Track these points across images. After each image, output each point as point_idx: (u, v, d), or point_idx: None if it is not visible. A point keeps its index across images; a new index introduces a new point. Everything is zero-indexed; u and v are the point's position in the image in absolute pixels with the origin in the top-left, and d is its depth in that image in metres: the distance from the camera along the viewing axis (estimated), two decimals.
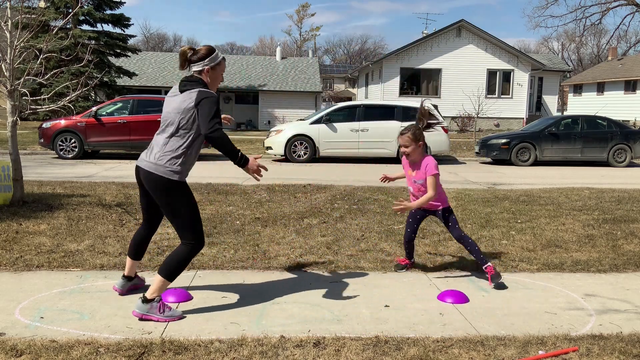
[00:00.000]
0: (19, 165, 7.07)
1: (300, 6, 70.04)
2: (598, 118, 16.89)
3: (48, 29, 21.04)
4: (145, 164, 3.61)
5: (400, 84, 29.75)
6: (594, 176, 13.23)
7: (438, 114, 15.64)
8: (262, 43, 77.99)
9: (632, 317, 3.83)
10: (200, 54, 3.66)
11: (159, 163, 3.55)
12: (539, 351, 3.19)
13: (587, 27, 42.84)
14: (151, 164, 3.58)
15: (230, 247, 5.43)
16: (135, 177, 3.77)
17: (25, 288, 4.11)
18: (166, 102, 3.70)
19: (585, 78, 39.62)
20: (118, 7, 27.22)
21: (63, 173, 11.11)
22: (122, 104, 14.87)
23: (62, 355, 2.98)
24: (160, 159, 3.56)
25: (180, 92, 3.62)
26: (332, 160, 15.48)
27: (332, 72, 60.32)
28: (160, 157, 3.56)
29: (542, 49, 63.27)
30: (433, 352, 3.15)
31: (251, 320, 3.63)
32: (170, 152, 3.56)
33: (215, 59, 3.67)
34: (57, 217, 6.46)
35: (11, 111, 6.90)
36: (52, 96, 7.89)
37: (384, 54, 38.48)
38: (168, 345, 3.14)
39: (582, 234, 6.36)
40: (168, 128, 3.60)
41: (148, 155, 3.64)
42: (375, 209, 7.62)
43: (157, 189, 3.58)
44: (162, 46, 71.91)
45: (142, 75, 32.57)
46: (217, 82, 3.73)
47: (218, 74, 3.72)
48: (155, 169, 3.55)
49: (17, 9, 7.16)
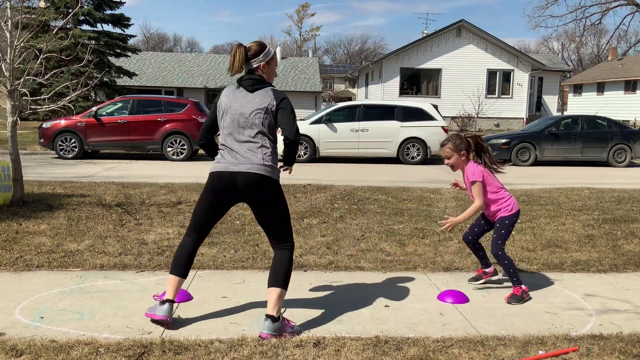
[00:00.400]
0: (19, 165, 7.07)
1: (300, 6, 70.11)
2: (598, 118, 16.89)
3: (48, 29, 21.05)
4: (249, 167, 3.41)
5: (400, 84, 29.75)
6: (594, 176, 13.23)
7: (438, 114, 15.69)
8: None
9: (632, 317, 3.83)
10: (253, 50, 3.52)
11: (266, 164, 3.42)
12: (539, 351, 3.19)
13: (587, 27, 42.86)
14: (256, 165, 3.41)
15: (230, 247, 5.43)
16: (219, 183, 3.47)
17: (25, 288, 4.11)
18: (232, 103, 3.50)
19: (585, 78, 39.62)
20: (118, 7, 27.22)
21: (63, 173, 11.11)
22: (122, 104, 14.87)
23: (62, 355, 2.98)
24: (265, 160, 3.43)
25: (250, 91, 3.49)
26: (332, 160, 15.48)
27: (332, 72, 60.34)
28: (263, 158, 3.43)
29: (542, 49, 63.29)
30: (433, 352, 3.15)
31: (251, 320, 3.63)
32: (268, 151, 3.46)
33: (269, 54, 3.56)
34: (57, 217, 6.46)
35: (11, 111, 6.90)
36: (52, 96, 7.89)
37: (384, 54, 38.49)
38: (168, 345, 3.14)
39: (582, 234, 6.36)
40: (251, 129, 3.45)
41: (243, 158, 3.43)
42: (375, 209, 7.62)
43: (265, 191, 3.45)
44: (162, 46, 71.93)
45: (142, 75, 32.59)
46: (272, 78, 3.64)
47: (272, 68, 3.63)
48: (264, 170, 3.41)
49: (17, 9, 7.16)
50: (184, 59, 38.03)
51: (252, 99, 3.47)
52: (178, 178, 10.63)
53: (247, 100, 3.47)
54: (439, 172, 13.50)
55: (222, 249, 5.34)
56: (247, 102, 3.47)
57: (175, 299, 3.96)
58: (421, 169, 14.17)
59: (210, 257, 5.05)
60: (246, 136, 3.45)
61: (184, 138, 14.49)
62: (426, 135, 15.17)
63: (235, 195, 3.48)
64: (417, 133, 15.09)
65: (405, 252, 5.42)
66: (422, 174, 12.78)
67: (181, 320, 3.61)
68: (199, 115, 14.72)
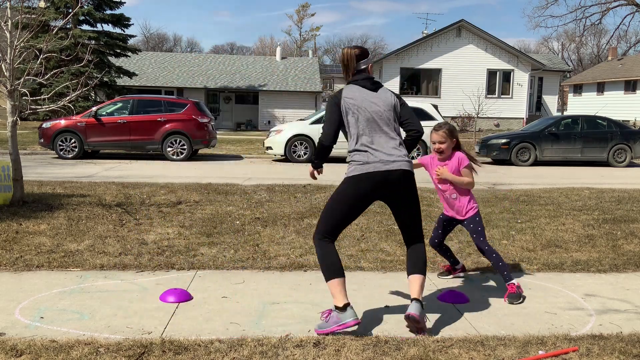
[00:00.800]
0: (19, 165, 7.07)
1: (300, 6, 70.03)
2: (598, 118, 16.90)
3: (48, 29, 21.05)
4: (401, 164, 3.48)
5: (400, 84, 29.75)
6: (594, 176, 13.23)
7: (438, 114, 15.68)
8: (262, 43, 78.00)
9: (632, 317, 3.83)
10: (361, 51, 3.62)
11: (408, 159, 3.53)
12: (539, 351, 3.19)
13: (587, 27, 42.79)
14: (406, 162, 3.51)
15: (230, 247, 5.43)
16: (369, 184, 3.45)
17: (25, 288, 4.11)
18: (364, 101, 3.52)
19: (585, 78, 39.63)
20: (118, 7, 27.22)
21: (63, 173, 11.11)
22: (122, 104, 14.87)
23: (62, 355, 2.98)
24: (407, 155, 3.54)
25: (374, 90, 3.57)
26: (332, 160, 15.47)
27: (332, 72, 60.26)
28: (405, 153, 3.53)
29: (542, 49, 63.27)
30: (433, 352, 3.15)
31: (251, 320, 3.63)
32: (403, 146, 3.57)
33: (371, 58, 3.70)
34: (57, 217, 6.46)
35: (11, 111, 6.90)
36: (52, 96, 7.89)
37: (384, 54, 38.48)
38: (168, 345, 3.14)
39: (582, 234, 6.36)
40: (388, 126, 3.53)
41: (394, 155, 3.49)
42: (375, 209, 7.62)
43: (413, 185, 3.55)
44: (162, 46, 71.91)
45: (142, 75, 32.58)
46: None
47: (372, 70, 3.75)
48: (409, 166, 3.53)
49: (17, 9, 7.16)
50: (184, 59, 38.02)
51: (381, 96, 3.56)
52: (178, 178, 10.64)
53: (377, 97, 3.55)
54: None
55: (222, 249, 5.34)
56: (377, 99, 3.54)
57: (175, 299, 3.97)
58: (421, 168, 14.16)
59: (210, 257, 5.05)
60: (387, 131, 3.52)
61: (184, 138, 14.48)
62: (426, 135, 15.13)
63: (383, 194, 3.53)
64: None
65: (405, 252, 5.40)
66: (422, 174, 12.76)
67: (181, 320, 3.60)
68: (199, 115, 14.72)
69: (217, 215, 6.92)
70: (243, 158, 16.39)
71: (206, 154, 16.41)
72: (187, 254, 5.11)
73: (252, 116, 33.22)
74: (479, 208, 4.33)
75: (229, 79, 33.09)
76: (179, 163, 14.07)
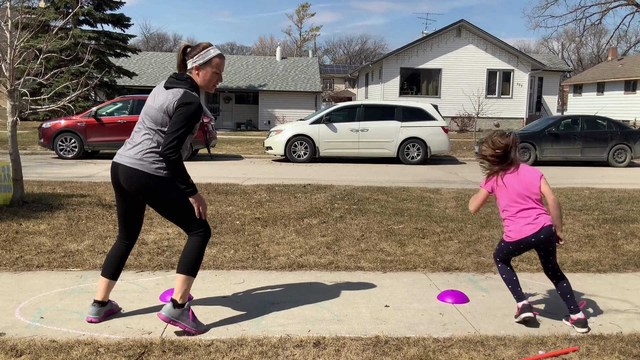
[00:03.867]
0: (19, 165, 7.07)
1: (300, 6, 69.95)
2: (598, 118, 16.90)
3: (48, 29, 21.03)
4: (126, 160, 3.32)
5: (400, 84, 29.75)
6: (594, 176, 13.23)
7: (438, 114, 15.68)
8: (262, 43, 77.97)
9: (632, 317, 3.83)
10: (192, 49, 3.37)
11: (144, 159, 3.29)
12: (539, 351, 3.19)
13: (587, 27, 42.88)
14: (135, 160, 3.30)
15: (230, 247, 5.43)
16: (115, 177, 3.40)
17: (25, 288, 4.11)
18: (151, 96, 3.41)
19: (585, 78, 39.61)
20: (118, 7, 27.20)
21: (63, 173, 11.11)
22: (122, 104, 14.87)
23: (62, 355, 2.98)
24: (145, 157, 3.29)
25: (165, 88, 3.35)
26: (332, 160, 15.48)
27: (332, 72, 60.33)
28: (144, 154, 3.29)
29: (542, 49, 63.24)
30: (433, 352, 3.15)
31: (251, 320, 3.63)
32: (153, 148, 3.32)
33: (205, 56, 3.33)
34: (57, 217, 6.46)
35: (11, 111, 6.90)
36: (52, 96, 7.90)
37: (384, 54, 38.47)
38: (168, 345, 3.14)
39: (582, 234, 6.36)
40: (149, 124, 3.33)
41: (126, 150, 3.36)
42: (375, 209, 7.62)
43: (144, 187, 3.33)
44: (162, 46, 71.91)
45: (142, 75, 32.57)
46: (209, 83, 3.39)
47: (209, 73, 3.36)
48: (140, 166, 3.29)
49: (17, 9, 7.16)
50: None
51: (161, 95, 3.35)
52: None
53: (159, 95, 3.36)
54: (439, 172, 13.50)
55: (222, 249, 5.34)
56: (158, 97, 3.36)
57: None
58: (421, 169, 14.17)
59: (210, 257, 5.05)
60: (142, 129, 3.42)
61: None
62: (426, 135, 15.17)
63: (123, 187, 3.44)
64: (417, 133, 15.09)
65: (405, 252, 5.42)
66: (422, 174, 12.78)
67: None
68: None
69: (217, 215, 6.92)
70: (243, 158, 16.39)
71: (206, 153, 16.40)
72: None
73: (252, 116, 33.22)
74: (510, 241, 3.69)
75: (229, 79, 33.07)
76: None
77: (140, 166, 3.27)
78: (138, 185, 3.30)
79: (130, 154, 3.32)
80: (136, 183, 3.30)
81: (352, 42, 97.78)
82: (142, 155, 3.29)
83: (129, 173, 3.29)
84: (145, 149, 3.30)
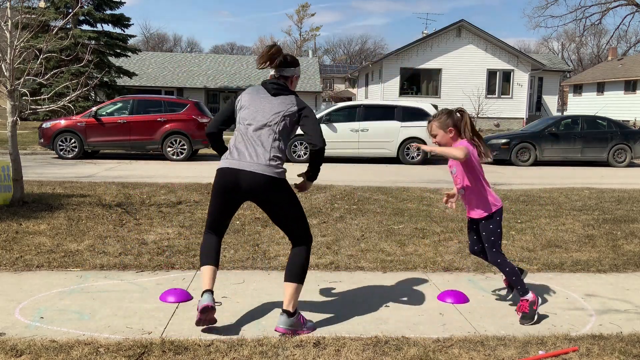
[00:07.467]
0: (19, 165, 7.07)
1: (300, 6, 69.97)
2: (598, 118, 16.90)
3: (48, 29, 21.03)
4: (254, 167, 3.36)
5: (400, 84, 29.75)
6: (594, 176, 13.23)
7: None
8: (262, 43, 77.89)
9: (632, 317, 3.83)
10: (291, 59, 3.58)
11: (271, 164, 3.39)
12: (539, 351, 3.19)
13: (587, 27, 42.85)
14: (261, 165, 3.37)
15: (230, 247, 5.43)
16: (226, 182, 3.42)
17: (25, 288, 4.11)
18: (254, 102, 3.50)
19: (585, 78, 39.61)
20: (118, 7, 27.20)
21: (63, 173, 11.11)
22: (122, 104, 14.87)
23: (62, 355, 2.98)
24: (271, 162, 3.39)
25: (272, 95, 3.49)
26: (332, 160, 15.47)
27: (332, 72, 60.35)
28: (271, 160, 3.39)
29: (542, 49, 63.25)
30: (433, 352, 3.15)
31: (251, 320, 3.63)
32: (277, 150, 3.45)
33: (300, 71, 3.68)
34: (57, 217, 6.46)
35: (11, 111, 6.90)
36: (52, 96, 7.90)
37: (384, 54, 38.48)
38: (168, 345, 3.14)
39: (582, 234, 6.36)
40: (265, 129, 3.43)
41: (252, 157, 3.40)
42: (375, 209, 7.62)
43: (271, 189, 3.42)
44: (162, 46, 71.91)
45: (142, 75, 32.58)
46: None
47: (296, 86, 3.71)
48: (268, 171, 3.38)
49: (17, 9, 7.16)
50: (184, 59, 38.03)
51: (274, 101, 3.49)
52: (178, 178, 10.64)
53: (268, 101, 3.49)
54: (439, 172, 13.50)
55: (222, 249, 5.34)
56: (267, 103, 3.49)
57: (175, 299, 3.97)
58: (421, 169, 14.17)
59: None
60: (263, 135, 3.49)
61: (184, 138, 14.49)
62: (426, 136, 15.11)
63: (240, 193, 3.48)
64: (417, 133, 15.08)
65: (405, 252, 5.42)
66: (422, 174, 12.78)
67: (181, 320, 3.60)
68: (199, 115, 14.74)
69: None
70: None
71: (206, 154, 16.41)
72: (187, 254, 5.11)
73: None
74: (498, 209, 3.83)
75: (229, 79, 33.09)
76: (179, 163, 14.07)
77: (271, 172, 3.37)
78: (263, 189, 3.37)
79: (253, 160, 3.37)
80: (262, 188, 3.37)
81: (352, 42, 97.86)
82: (269, 161, 3.38)
83: (258, 179, 3.34)
84: (271, 155, 3.39)
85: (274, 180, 3.37)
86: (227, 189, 3.42)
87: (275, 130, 3.42)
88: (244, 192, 3.39)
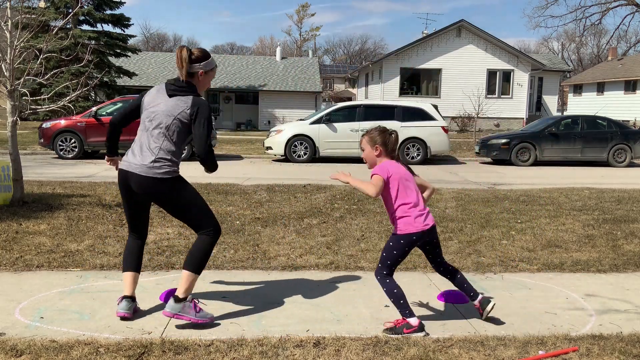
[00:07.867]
0: (19, 165, 7.07)
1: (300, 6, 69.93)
2: (598, 118, 16.91)
3: (48, 29, 21.01)
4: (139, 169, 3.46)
5: (400, 84, 29.75)
6: (594, 176, 13.23)
7: (438, 114, 15.69)
8: (262, 43, 77.98)
9: (632, 317, 3.83)
10: (196, 55, 3.56)
11: (155, 165, 3.44)
12: (539, 351, 3.19)
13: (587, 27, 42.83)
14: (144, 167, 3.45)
15: (230, 247, 5.43)
16: (121, 183, 3.59)
17: (25, 288, 4.11)
18: (152, 103, 3.57)
19: (585, 78, 39.61)
20: (118, 7, 27.20)
21: (63, 173, 11.11)
22: (122, 104, 14.83)
23: (62, 355, 2.98)
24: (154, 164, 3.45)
25: (169, 96, 3.51)
26: (332, 160, 15.47)
27: (332, 72, 60.34)
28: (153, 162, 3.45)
29: (542, 49, 63.23)
30: (433, 352, 3.14)
31: (251, 320, 3.63)
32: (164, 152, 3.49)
33: (210, 64, 3.61)
34: (57, 217, 6.46)
35: (11, 111, 6.90)
36: (52, 96, 7.89)
37: (384, 54, 38.47)
38: (168, 345, 3.14)
39: (582, 234, 6.36)
40: (157, 130, 3.51)
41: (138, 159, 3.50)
42: (375, 209, 7.61)
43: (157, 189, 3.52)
44: (162, 46, 71.91)
45: (142, 75, 32.57)
46: (205, 87, 3.69)
47: (208, 79, 3.65)
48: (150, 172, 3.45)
49: (17, 9, 7.16)
50: None
51: (169, 103, 3.51)
52: None
53: (163, 102, 3.53)
54: (439, 172, 13.50)
55: (222, 249, 5.34)
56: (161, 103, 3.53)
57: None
58: (421, 169, 14.17)
59: (211, 257, 5.02)
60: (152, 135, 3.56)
61: None
62: (426, 135, 15.18)
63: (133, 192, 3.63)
64: (417, 133, 15.09)
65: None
66: (422, 174, 12.71)
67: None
68: None
69: (217, 215, 6.92)
70: (243, 158, 16.39)
71: None
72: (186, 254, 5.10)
73: (252, 116, 33.22)
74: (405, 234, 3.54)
75: (229, 79, 33.08)
76: None
77: (153, 174, 3.45)
78: (151, 191, 3.50)
79: (139, 162, 3.49)
80: (149, 190, 3.49)
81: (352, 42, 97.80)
82: (152, 163, 3.46)
83: (142, 181, 3.47)
84: (155, 157, 3.47)
85: (158, 181, 3.45)
86: (124, 190, 3.59)
87: (165, 132, 3.49)
88: (137, 193, 3.53)
